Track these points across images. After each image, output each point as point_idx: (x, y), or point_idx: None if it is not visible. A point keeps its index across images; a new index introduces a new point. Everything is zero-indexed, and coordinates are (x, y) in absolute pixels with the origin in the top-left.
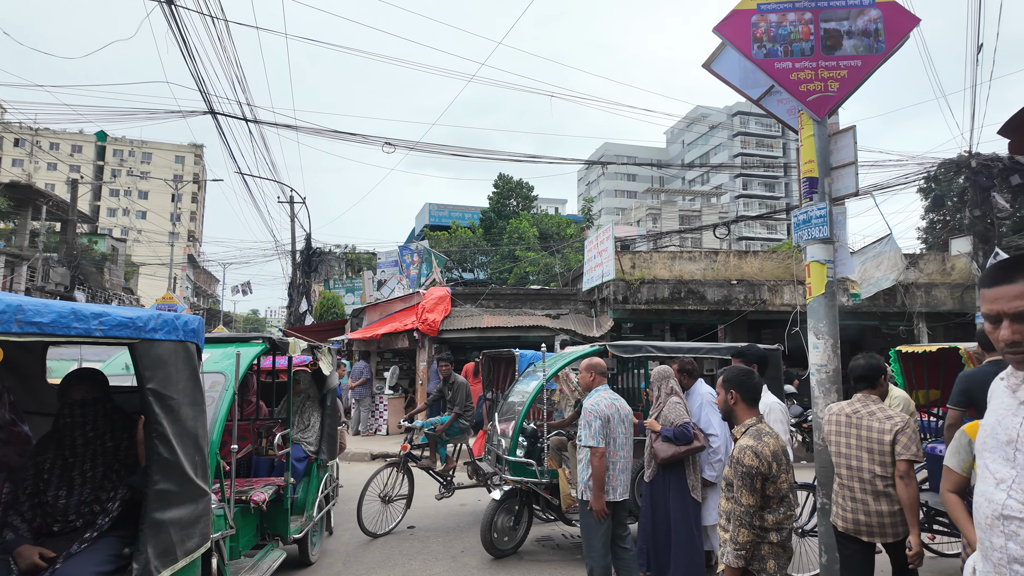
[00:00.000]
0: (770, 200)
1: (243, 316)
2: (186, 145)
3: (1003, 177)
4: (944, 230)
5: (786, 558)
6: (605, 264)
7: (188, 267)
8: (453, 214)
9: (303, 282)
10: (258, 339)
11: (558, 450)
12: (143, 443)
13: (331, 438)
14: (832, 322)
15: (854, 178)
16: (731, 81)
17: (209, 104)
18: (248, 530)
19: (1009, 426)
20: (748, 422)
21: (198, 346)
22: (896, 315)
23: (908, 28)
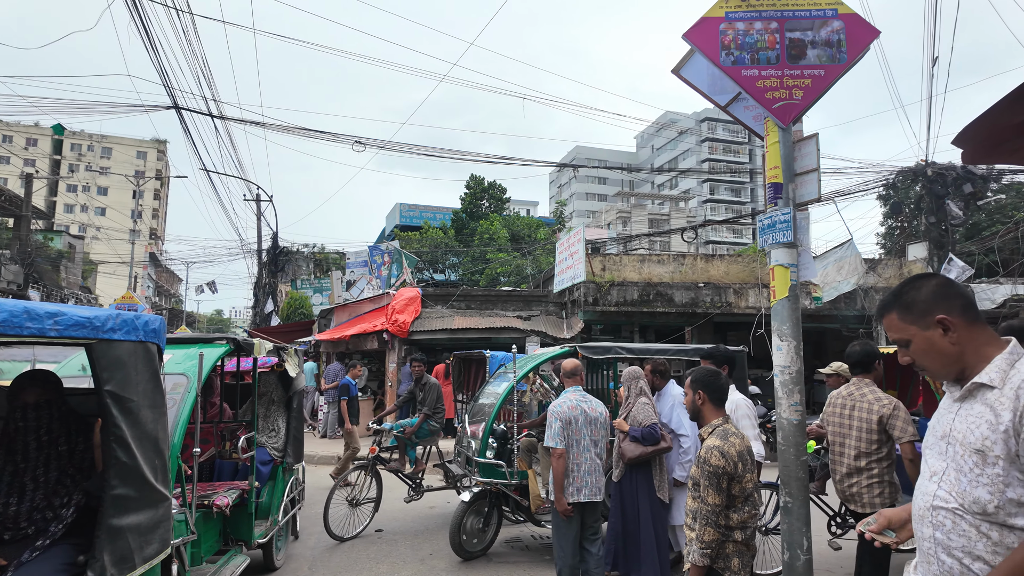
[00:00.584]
0: (736, 205)
1: (207, 316)
2: (148, 140)
3: (956, 186)
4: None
5: (750, 556)
6: (576, 266)
7: (150, 266)
8: (424, 214)
9: (269, 282)
10: (222, 340)
11: (528, 451)
12: (100, 447)
13: (297, 441)
14: (795, 324)
15: (817, 184)
16: (700, 87)
17: (173, 99)
18: (210, 535)
19: (944, 422)
20: (715, 422)
21: (159, 347)
22: (856, 318)
23: (868, 40)
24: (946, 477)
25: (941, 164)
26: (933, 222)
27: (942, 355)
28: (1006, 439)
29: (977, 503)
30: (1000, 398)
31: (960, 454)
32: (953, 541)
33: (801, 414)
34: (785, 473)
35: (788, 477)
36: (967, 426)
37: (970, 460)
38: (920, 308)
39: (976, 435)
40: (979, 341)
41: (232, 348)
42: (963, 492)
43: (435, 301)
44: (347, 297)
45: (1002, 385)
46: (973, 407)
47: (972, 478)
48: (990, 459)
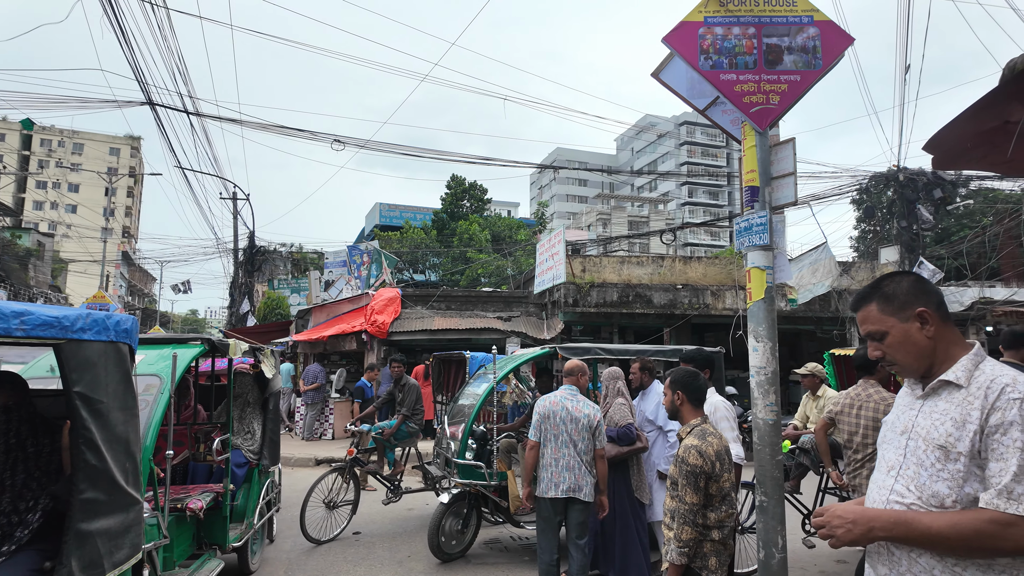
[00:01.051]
0: (714, 208)
1: (181, 316)
2: (122, 137)
3: (927, 191)
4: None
5: (727, 555)
6: (556, 267)
7: (122, 264)
8: (405, 214)
9: (245, 281)
10: (196, 340)
11: (508, 452)
12: (68, 450)
13: (273, 443)
14: (771, 326)
15: (793, 188)
16: (679, 91)
17: (148, 95)
18: (184, 539)
19: (906, 418)
20: (693, 422)
21: (131, 347)
22: (830, 320)
23: (843, 47)
24: (904, 471)
25: (912, 169)
26: (904, 226)
27: (917, 348)
28: (972, 437)
29: (936, 497)
30: (968, 397)
31: (922, 449)
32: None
33: (776, 414)
34: (760, 472)
35: (763, 476)
36: (931, 422)
37: (932, 455)
38: (900, 300)
39: (940, 431)
40: (948, 339)
41: (207, 349)
42: (922, 486)
43: (415, 302)
44: (325, 297)
45: (968, 384)
46: (938, 404)
47: (933, 473)
48: (952, 455)
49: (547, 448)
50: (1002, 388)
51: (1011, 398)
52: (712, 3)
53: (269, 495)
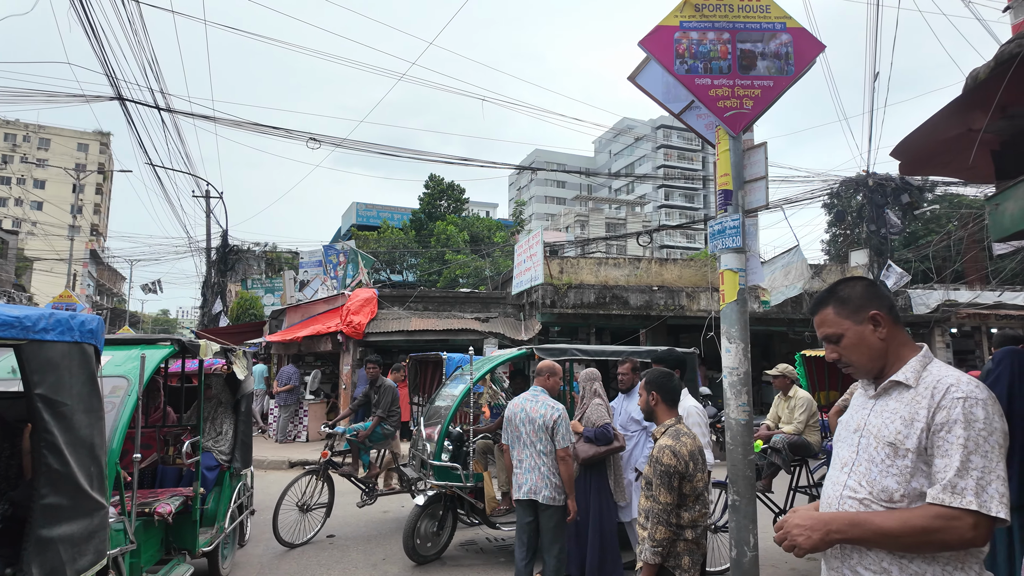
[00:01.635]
0: (690, 211)
1: (152, 316)
2: (90, 132)
3: (895, 196)
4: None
5: (700, 554)
6: (534, 268)
7: (90, 263)
8: (382, 214)
9: (218, 281)
10: (166, 341)
11: (484, 453)
12: (29, 454)
13: (245, 445)
14: (743, 327)
15: (765, 192)
16: (655, 95)
17: (117, 89)
18: (151, 544)
19: (859, 416)
20: (668, 422)
21: (96, 348)
22: (802, 322)
23: (814, 54)
24: (856, 468)
25: (881, 175)
26: (874, 230)
27: (871, 349)
28: (919, 435)
29: (885, 492)
30: (916, 397)
31: (873, 446)
32: None
33: (749, 414)
34: (733, 472)
35: (736, 476)
36: (882, 421)
37: (882, 452)
38: (855, 304)
39: (890, 429)
40: (898, 341)
41: (176, 349)
42: (873, 481)
43: (392, 302)
44: (300, 298)
45: (916, 384)
46: (888, 403)
47: (883, 469)
48: (901, 452)
49: (513, 450)
50: (947, 388)
51: (955, 397)
52: (688, 8)
53: (241, 498)
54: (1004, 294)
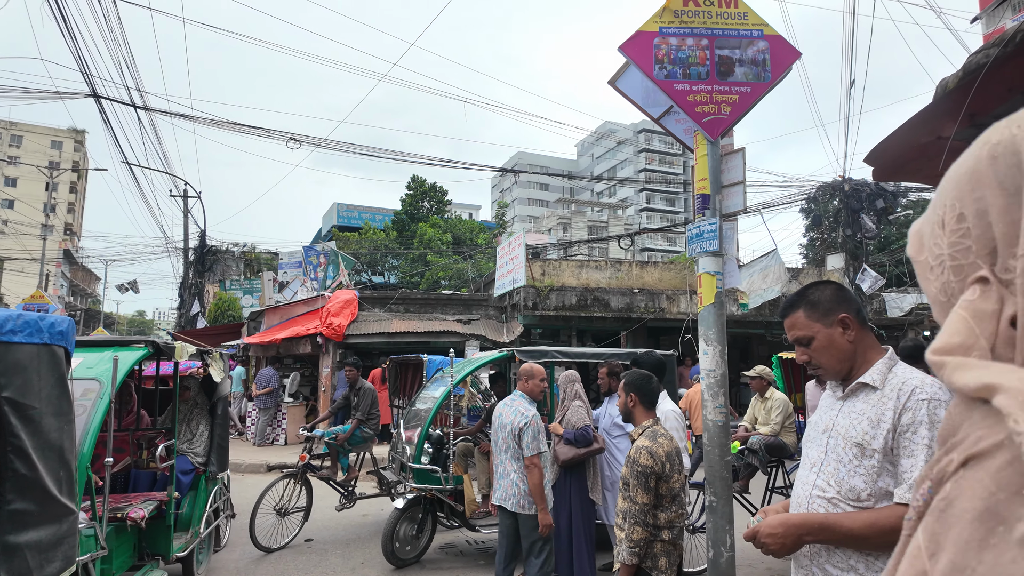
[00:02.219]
0: (671, 214)
1: (127, 318)
2: (65, 130)
3: (870, 201)
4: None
5: (677, 555)
6: (516, 271)
7: (64, 263)
8: (364, 215)
9: (196, 282)
10: (140, 343)
11: (464, 456)
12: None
13: (222, 448)
14: (720, 330)
15: (743, 196)
16: (634, 99)
17: (92, 86)
18: (124, 550)
19: (827, 417)
20: (645, 424)
21: (67, 350)
22: (779, 324)
23: (791, 60)
24: (824, 468)
25: (857, 180)
26: (849, 234)
27: (840, 351)
28: (885, 435)
29: (853, 491)
30: (882, 398)
31: (841, 446)
32: None
33: (725, 416)
34: (710, 473)
35: (713, 477)
36: (850, 422)
37: (850, 452)
38: (825, 307)
39: (857, 430)
40: (865, 344)
41: (151, 351)
42: (841, 481)
43: (373, 304)
44: (279, 299)
45: (882, 386)
46: (856, 405)
47: (850, 469)
48: (868, 452)
49: (494, 454)
50: (912, 390)
51: (920, 399)
52: (667, 14)
53: (217, 502)
54: None
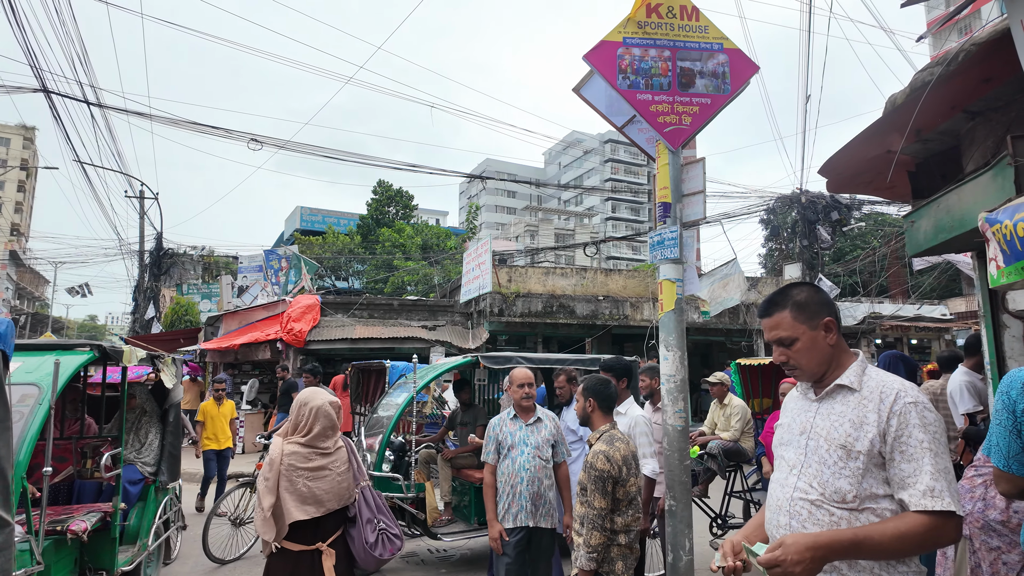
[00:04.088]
0: (635, 223)
1: (78, 322)
2: (12, 126)
3: (826, 213)
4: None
5: (633, 559)
6: (483, 277)
7: (10, 265)
8: (328, 219)
9: (151, 286)
10: (84, 346)
11: (426, 463)
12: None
13: (173, 457)
14: (680, 336)
15: (703, 205)
16: (598, 107)
17: (42, 81)
18: (63, 565)
19: (803, 420)
20: (602, 428)
21: (4, 353)
22: (738, 332)
23: (749, 74)
24: (806, 470)
25: (813, 193)
26: (806, 245)
27: (820, 354)
28: (871, 438)
29: (837, 493)
30: (862, 400)
31: (825, 448)
32: (808, 529)
33: (685, 420)
34: (669, 477)
35: (672, 481)
36: (830, 424)
37: (835, 454)
38: (812, 310)
39: (840, 432)
40: (840, 347)
41: (96, 355)
42: (825, 483)
43: (335, 309)
44: (238, 304)
45: (860, 388)
46: (834, 407)
47: (835, 471)
48: (852, 454)
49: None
50: (896, 393)
51: (907, 402)
52: (631, 25)
53: (167, 513)
54: (923, 307)
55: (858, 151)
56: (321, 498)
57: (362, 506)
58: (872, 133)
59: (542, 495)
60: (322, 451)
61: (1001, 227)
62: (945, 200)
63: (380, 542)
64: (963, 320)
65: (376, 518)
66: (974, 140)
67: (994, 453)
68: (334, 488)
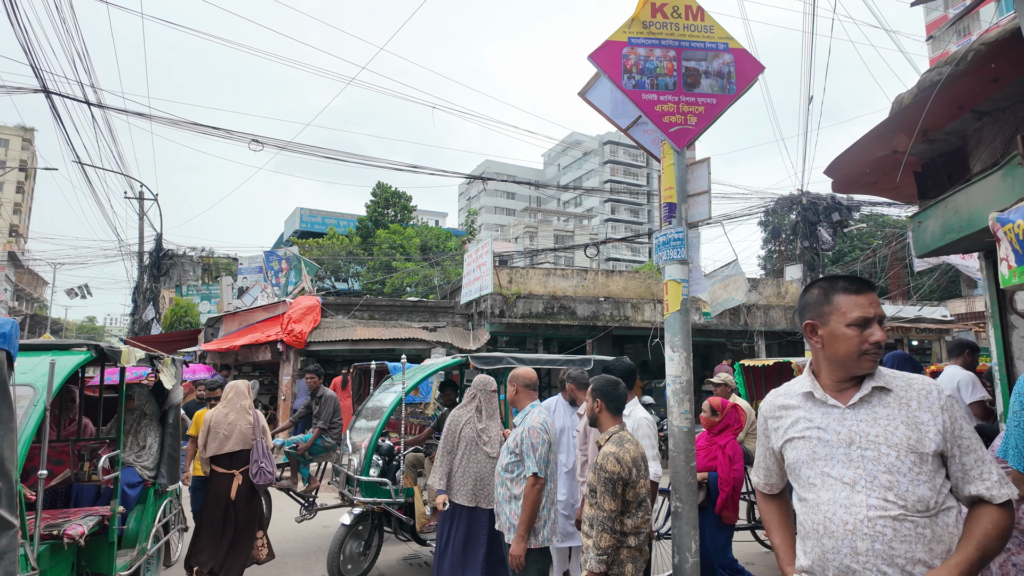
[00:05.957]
0: (635, 224)
1: (77, 324)
2: (11, 127)
3: (827, 214)
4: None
5: (643, 561)
6: (484, 278)
7: (8, 266)
8: (328, 220)
9: (151, 287)
10: (81, 346)
11: (414, 467)
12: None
13: (172, 460)
14: (686, 336)
15: (708, 205)
16: (603, 110)
17: (43, 81)
18: (60, 570)
19: (839, 428)
20: (612, 429)
21: (9, 354)
22: (739, 333)
23: (754, 74)
24: (874, 483)
25: (814, 193)
26: (807, 246)
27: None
28: (933, 437)
29: (921, 501)
30: (902, 400)
31: (893, 456)
32: (896, 549)
33: (691, 422)
34: (675, 479)
35: (678, 483)
36: (883, 429)
37: (907, 460)
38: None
39: (899, 436)
40: None
41: (93, 356)
42: (904, 494)
43: (336, 310)
44: (238, 305)
45: (894, 388)
46: (876, 410)
47: (912, 477)
48: (925, 457)
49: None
50: (935, 389)
51: (947, 396)
52: (636, 25)
53: (167, 516)
54: (923, 309)
55: (864, 151)
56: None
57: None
58: (878, 134)
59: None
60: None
61: (1013, 227)
62: (953, 200)
63: (259, 473)
64: (963, 321)
65: (261, 460)
66: (982, 140)
67: (1012, 455)
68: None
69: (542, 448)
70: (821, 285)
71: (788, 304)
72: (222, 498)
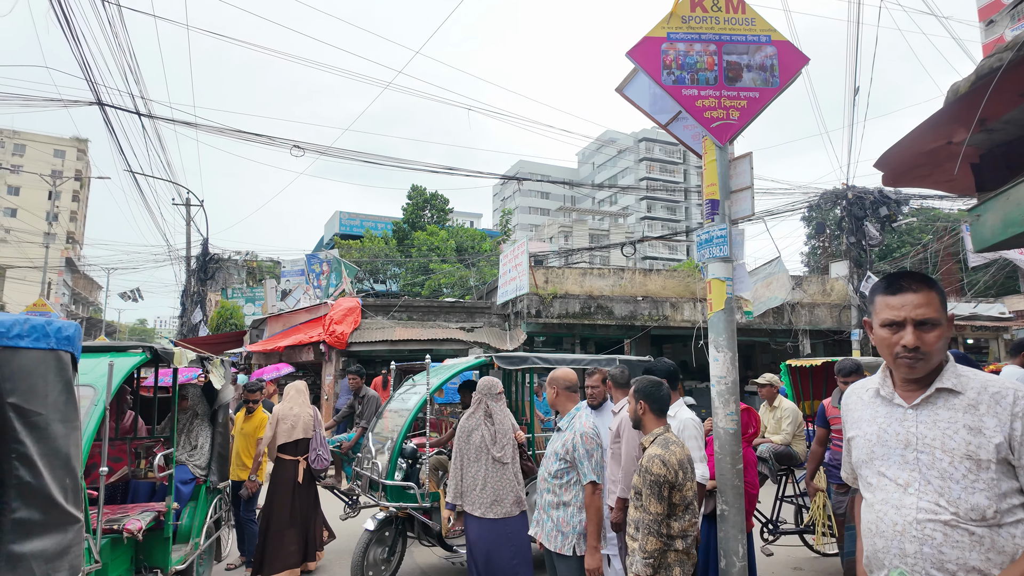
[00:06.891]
0: (672, 222)
1: (129, 326)
2: (68, 138)
3: (874, 208)
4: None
5: (691, 564)
6: (519, 278)
7: (66, 271)
8: (365, 223)
9: (198, 290)
10: (137, 348)
11: (437, 470)
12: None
13: (222, 458)
14: (731, 336)
15: (751, 201)
16: (642, 106)
17: (97, 94)
18: (120, 563)
19: (901, 430)
20: (656, 431)
21: (73, 356)
22: (783, 332)
23: (799, 66)
24: (926, 487)
25: (860, 188)
26: (853, 242)
27: (942, 351)
28: (997, 444)
29: (975, 510)
30: (970, 404)
31: (947, 461)
32: (946, 554)
33: (737, 423)
34: (721, 481)
35: (724, 485)
36: (941, 433)
37: (962, 466)
38: (944, 302)
39: (957, 441)
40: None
41: (148, 357)
42: (957, 500)
43: (375, 312)
44: (282, 307)
45: (964, 391)
46: (939, 413)
47: (966, 484)
48: (983, 464)
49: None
50: (1014, 395)
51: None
52: (674, 20)
53: (218, 513)
54: (979, 306)
55: (917, 143)
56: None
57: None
58: (932, 124)
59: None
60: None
61: None
62: (1015, 192)
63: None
64: (1022, 318)
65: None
66: None
67: None
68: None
69: (597, 454)
70: (876, 282)
71: (833, 302)
72: (290, 482)
